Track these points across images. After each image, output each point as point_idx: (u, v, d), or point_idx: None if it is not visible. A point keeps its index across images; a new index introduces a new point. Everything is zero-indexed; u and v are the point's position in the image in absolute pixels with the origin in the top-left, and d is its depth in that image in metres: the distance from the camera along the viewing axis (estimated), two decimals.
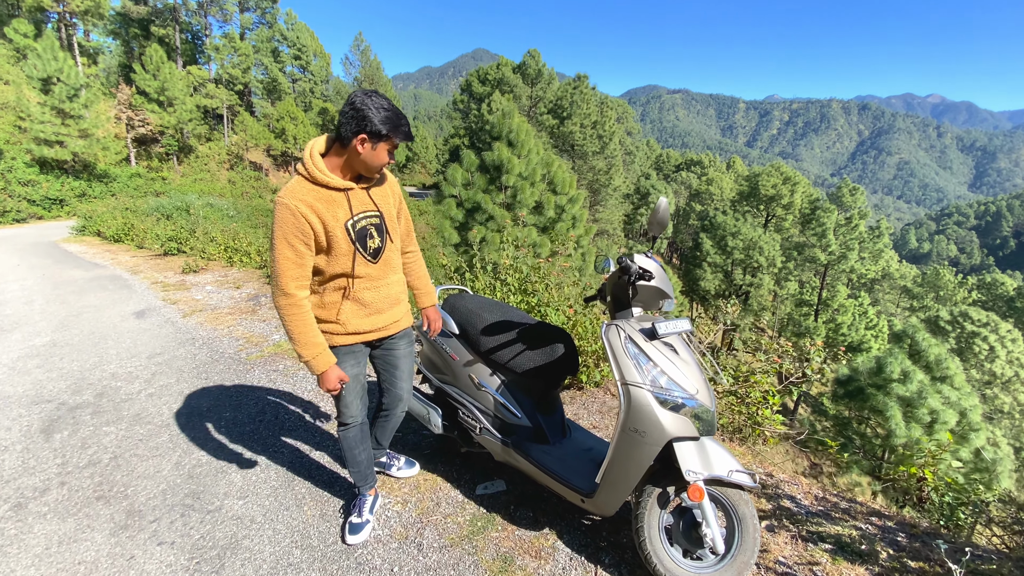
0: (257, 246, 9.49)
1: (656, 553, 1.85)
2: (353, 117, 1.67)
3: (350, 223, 1.80)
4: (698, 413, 1.80)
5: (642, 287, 1.92)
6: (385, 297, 1.99)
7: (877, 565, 2.01)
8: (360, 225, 1.83)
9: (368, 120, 1.66)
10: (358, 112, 1.66)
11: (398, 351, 2.16)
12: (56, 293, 7.05)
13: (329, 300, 1.89)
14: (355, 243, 1.82)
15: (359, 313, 1.93)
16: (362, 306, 1.93)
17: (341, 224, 1.78)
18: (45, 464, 2.82)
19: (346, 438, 2.14)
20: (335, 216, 1.76)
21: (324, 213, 1.74)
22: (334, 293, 1.89)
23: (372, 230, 1.87)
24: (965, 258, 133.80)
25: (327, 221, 1.74)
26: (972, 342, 27.57)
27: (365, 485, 2.27)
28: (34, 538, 2.23)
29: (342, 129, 1.70)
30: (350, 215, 1.80)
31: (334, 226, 1.76)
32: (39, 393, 3.75)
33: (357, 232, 1.82)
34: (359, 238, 1.83)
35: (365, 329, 1.97)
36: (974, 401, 13.13)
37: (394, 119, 1.71)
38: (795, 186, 37.30)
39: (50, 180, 23.74)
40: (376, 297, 1.96)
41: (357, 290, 1.90)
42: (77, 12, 30.59)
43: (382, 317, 2.01)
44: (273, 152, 41.86)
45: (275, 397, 3.65)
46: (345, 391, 2.01)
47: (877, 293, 47.70)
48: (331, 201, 1.76)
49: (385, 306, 2.00)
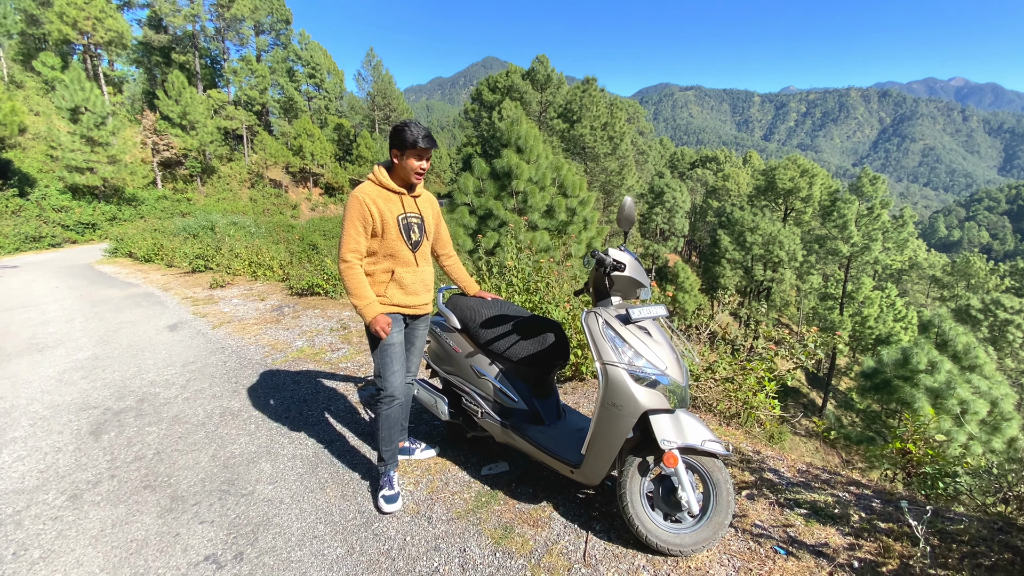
0: (280, 260, 9.91)
1: (639, 516, 2.05)
2: (390, 138, 2.33)
3: (401, 217, 2.40)
4: (671, 388, 2.01)
5: (617, 277, 2.14)
6: (420, 281, 2.53)
7: (848, 526, 2.17)
8: (407, 221, 2.43)
9: (396, 139, 2.31)
10: (392, 135, 2.33)
11: (418, 331, 2.67)
12: (94, 311, 7.51)
13: (380, 280, 2.43)
14: (402, 232, 2.41)
15: (400, 291, 2.46)
16: (403, 286, 2.46)
17: (394, 216, 2.37)
18: (96, 461, 3.13)
19: (388, 417, 2.50)
20: (390, 210, 2.36)
21: (382, 206, 2.34)
22: (384, 275, 2.43)
23: (415, 227, 2.47)
24: (998, 244, 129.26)
25: (383, 212, 2.34)
26: (1006, 330, 26.81)
27: (392, 462, 2.59)
28: (90, 523, 2.52)
29: (389, 149, 2.36)
30: (402, 211, 2.41)
31: (388, 217, 2.35)
32: (86, 401, 4.10)
33: (404, 225, 2.42)
34: (405, 229, 2.42)
35: (404, 304, 2.48)
36: (1006, 390, 12.83)
37: (412, 134, 2.28)
38: (813, 178, 36.82)
39: (82, 205, 24.84)
40: (414, 280, 2.49)
41: (400, 273, 2.44)
42: (101, 43, 32.02)
43: (417, 298, 2.53)
44: (292, 169, 42.96)
45: (299, 397, 3.94)
46: (391, 354, 2.44)
47: (905, 284, 46.60)
48: (389, 199, 2.38)
49: (420, 289, 2.53)
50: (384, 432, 2.51)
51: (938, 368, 12.46)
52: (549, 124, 35.20)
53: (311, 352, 5.03)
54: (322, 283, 7.64)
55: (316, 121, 48.59)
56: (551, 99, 38.79)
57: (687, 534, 2.03)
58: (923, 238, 74.18)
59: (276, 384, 4.23)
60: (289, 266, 9.27)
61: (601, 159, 33.96)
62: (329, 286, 7.63)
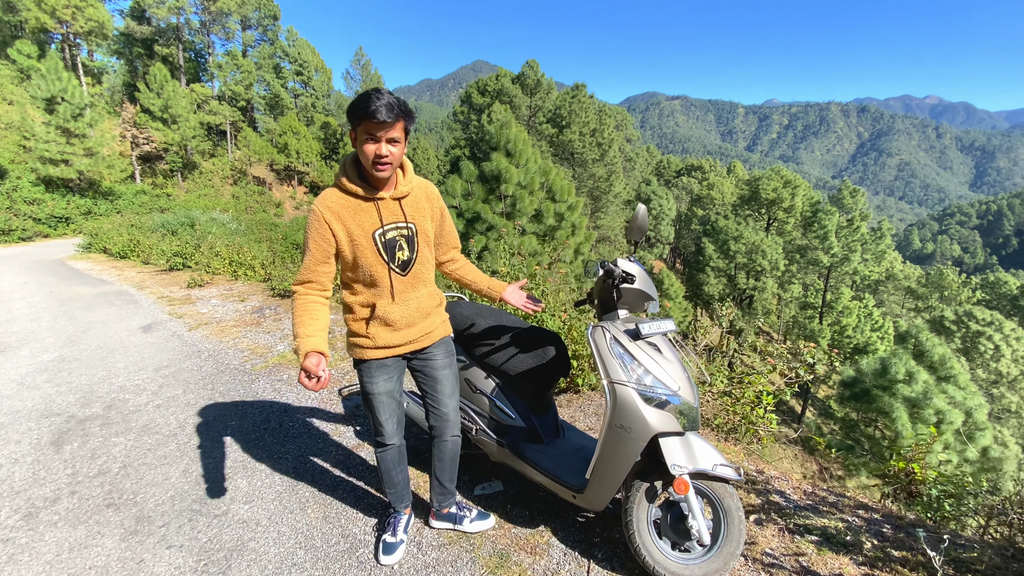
0: (261, 259, 9.62)
1: (645, 546, 1.92)
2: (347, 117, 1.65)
3: (378, 233, 1.77)
4: (682, 409, 1.88)
5: (626, 290, 2.01)
6: (416, 310, 1.93)
7: (861, 555, 2.07)
8: (389, 236, 1.79)
9: (349, 115, 1.62)
10: (347, 111, 1.64)
11: (435, 361, 2.05)
12: (63, 309, 7.17)
13: (359, 315, 1.88)
14: (382, 252, 1.79)
15: (387, 329, 1.89)
16: (389, 323, 1.88)
17: (368, 233, 1.75)
18: (56, 475, 2.90)
19: (383, 460, 2.10)
20: (361, 224, 1.74)
21: (349, 221, 1.73)
22: (363, 309, 1.87)
23: (402, 242, 1.83)
24: (969, 258, 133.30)
25: (351, 229, 1.73)
26: (977, 341, 27.44)
27: (400, 504, 2.23)
28: (45, 546, 2.30)
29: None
30: (378, 224, 1.77)
31: (359, 235, 1.74)
32: (48, 407, 3.84)
33: (384, 243, 1.78)
34: (387, 248, 1.79)
35: (395, 343, 1.92)
36: (979, 400, 13.11)
37: (358, 101, 1.59)
38: (795, 189, 37.40)
39: (55, 198, 24.08)
40: (405, 312, 1.89)
41: (383, 308, 1.85)
42: (81, 33, 31.18)
43: (412, 331, 1.94)
44: (276, 167, 42.32)
45: (279, 405, 3.74)
46: (377, 406, 1.97)
47: (882, 294, 47.57)
48: (358, 209, 1.74)
49: (416, 319, 1.94)
50: (383, 475, 2.13)
51: (915, 378, 12.67)
52: (538, 129, 35.22)
53: (293, 357, 4.81)
54: None
55: (302, 119, 47.98)
56: (540, 104, 38.83)
57: (697, 565, 1.90)
58: (898, 250, 76.12)
59: (255, 392, 4.02)
60: (271, 266, 8.99)
61: (589, 165, 34.07)
62: None
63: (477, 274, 2.23)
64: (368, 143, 1.63)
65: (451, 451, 2.17)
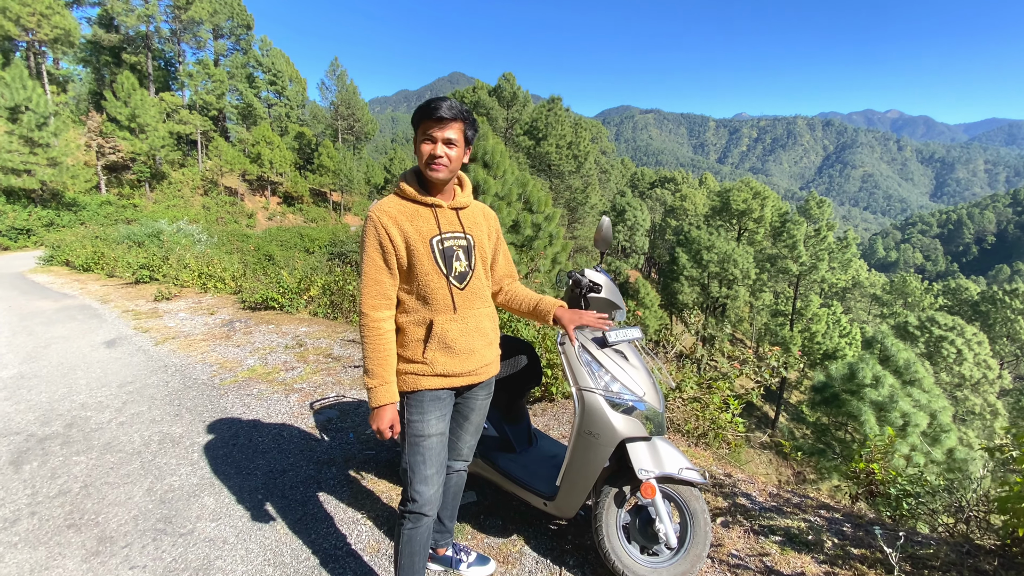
0: (232, 272, 9.44)
1: (614, 550, 1.95)
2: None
3: (435, 240, 1.66)
4: (648, 415, 1.93)
5: (593, 299, 2.06)
6: (475, 330, 1.74)
7: (822, 553, 2.14)
8: (447, 244, 1.68)
9: (412, 121, 1.64)
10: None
11: (475, 401, 1.88)
12: (23, 324, 6.91)
13: (414, 337, 1.69)
14: (439, 261, 1.66)
15: (446, 353, 1.69)
16: (448, 344, 1.69)
17: (425, 239, 1.64)
18: (14, 495, 2.79)
19: (411, 538, 1.72)
20: (419, 230, 1.64)
21: (406, 226, 1.63)
22: (417, 329, 1.69)
23: (460, 252, 1.71)
24: (931, 265, 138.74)
25: (408, 234, 1.62)
26: (940, 346, 28.48)
27: None
28: (5, 567, 2.22)
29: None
30: (437, 231, 1.67)
31: (416, 240, 1.63)
32: (6, 425, 3.69)
33: (442, 251, 1.67)
34: (444, 257, 1.67)
35: (455, 371, 1.71)
36: (943, 403, 13.60)
37: (421, 104, 1.61)
38: (765, 200, 38.47)
39: (16, 210, 23.25)
40: (465, 330, 1.71)
41: (441, 325, 1.67)
42: (46, 41, 30.33)
43: (474, 358, 1.74)
44: (249, 177, 41.63)
45: (249, 421, 3.67)
46: (426, 453, 1.69)
47: (849, 302, 49.06)
48: (416, 215, 1.65)
49: (477, 344, 1.75)
50: (405, 558, 1.73)
51: (882, 382, 13.11)
52: (515, 140, 35.55)
53: (263, 372, 4.73)
54: (277, 297, 7.29)
55: (276, 129, 47.41)
56: (517, 116, 39.25)
57: (664, 568, 1.94)
58: (864, 258, 78.88)
59: (223, 407, 3.94)
60: (242, 278, 8.84)
61: (566, 176, 34.49)
62: (285, 300, 7.29)
63: (527, 295, 1.97)
64: (425, 143, 1.60)
65: (455, 484, 2.00)
